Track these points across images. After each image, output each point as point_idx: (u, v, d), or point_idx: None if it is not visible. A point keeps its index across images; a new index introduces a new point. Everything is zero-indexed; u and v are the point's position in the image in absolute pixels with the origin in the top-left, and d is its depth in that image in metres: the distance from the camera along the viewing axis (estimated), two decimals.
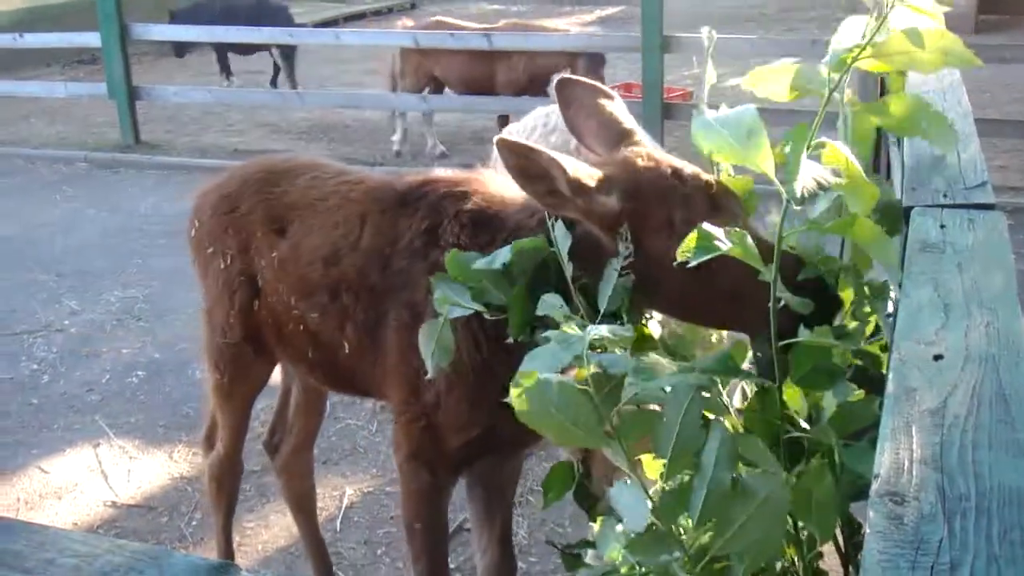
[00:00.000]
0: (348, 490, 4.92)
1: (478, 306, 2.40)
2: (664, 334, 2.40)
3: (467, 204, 2.76)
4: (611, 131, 2.55)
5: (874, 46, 1.95)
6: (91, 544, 1.27)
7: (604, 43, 9.91)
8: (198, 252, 3.42)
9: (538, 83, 9.72)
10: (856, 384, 2.02)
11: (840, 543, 2.08)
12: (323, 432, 4.82)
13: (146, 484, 5.04)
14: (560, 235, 2.38)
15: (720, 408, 1.99)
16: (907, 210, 2.16)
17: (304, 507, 4.09)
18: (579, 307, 2.33)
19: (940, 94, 3.01)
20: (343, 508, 4.78)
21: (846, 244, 2.25)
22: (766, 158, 1.93)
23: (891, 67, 2.03)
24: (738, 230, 1.94)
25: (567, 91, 2.67)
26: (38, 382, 6.12)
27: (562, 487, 2.49)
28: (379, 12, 22.09)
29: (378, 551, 4.47)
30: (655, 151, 2.45)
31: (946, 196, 2.20)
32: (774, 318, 1.97)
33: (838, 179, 1.92)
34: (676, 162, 2.40)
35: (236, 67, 14.72)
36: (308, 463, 4.07)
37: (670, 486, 1.78)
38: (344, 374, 3.19)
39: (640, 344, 2.19)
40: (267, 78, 14.43)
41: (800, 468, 1.96)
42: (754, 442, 1.87)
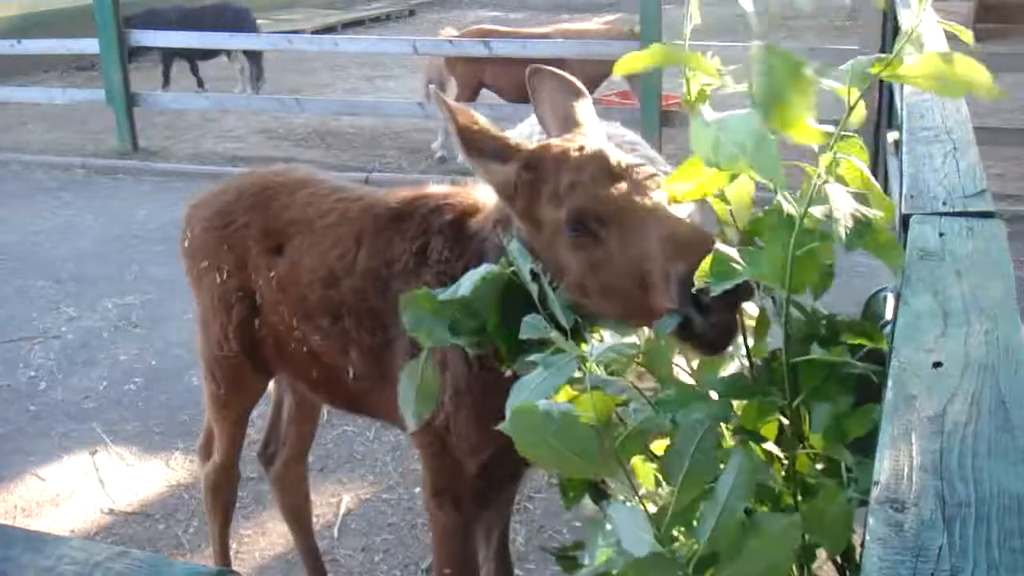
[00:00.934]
0: (345, 497, 4.91)
1: (459, 340, 2.30)
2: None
3: (449, 217, 2.77)
4: (568, 125, 2.56)
5: (900, 62, 1.87)
6: (90, 551, 1.26)
7: (603, 49, 9.88)
8: (191, 264, 3.39)
9: (590, 90, 9.61)
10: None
11: None
12: (320, 439, 4.82)
13: (143, 491, 5.03)
14: (516, 252, 2.35)
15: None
16: (906, 218, 2.16)
17: (299, 518, 4.09)
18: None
19: (939, 102, 3.01)
20: (340, 515, 4.77)
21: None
22: (775, 166, 1.81)
23: (915, 86, 1.96)
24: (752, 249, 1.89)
25: (538, 81, 2.71)
26: (35, 389, 6.11)
27: (581, 488, 2.46)
28: (378, 19, 22.11)
29: (375, 558, 4.47)
30: (589, 138, 2.44)
31: (945, 204, 2.20)
32: (786, 335, 1.94)
33: (871, 211, 1.87)
34: (596, 143, 2.38)
35: (217, 73, 14.67)
36: (302, 474, 4.06)
37: (674, 510, 1.75)
38: (350, 395, 3.16)
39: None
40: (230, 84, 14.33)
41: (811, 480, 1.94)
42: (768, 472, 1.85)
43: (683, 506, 1.73)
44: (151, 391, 6.03)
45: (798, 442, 1.98)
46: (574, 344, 2.10)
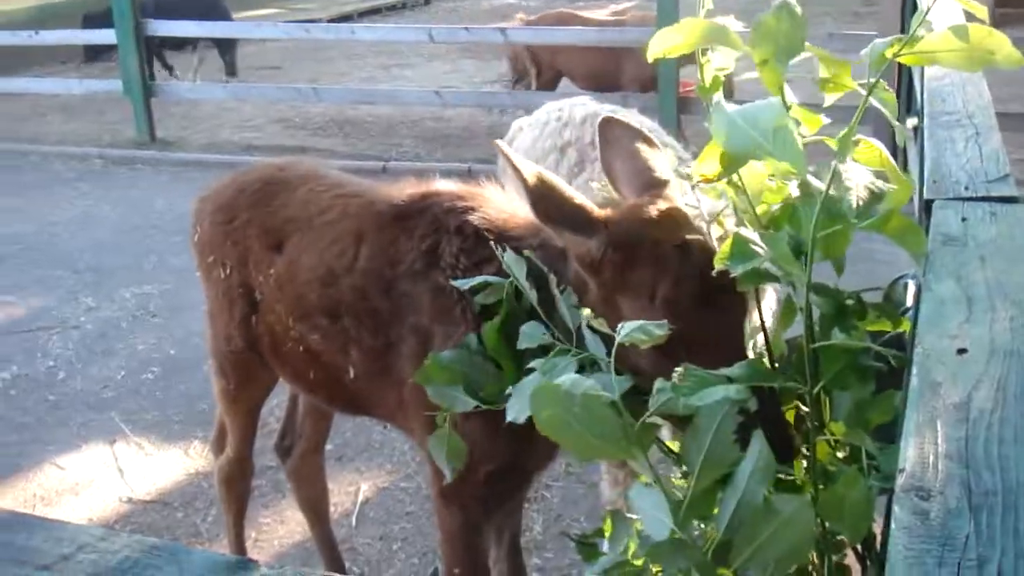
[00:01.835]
0: (363, 486, 4.92)
1: (476, 402, 2.30)
2: None
3: (470, 218, 2.65)
4: (643, 178, 2.33)
5: (917, 41, 1.83)
6: (109, 539, 1.26)
7: (619, 37, 9.84)
8: (200, 258, 3.38)
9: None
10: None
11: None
12: (338, 428, 4.82)
13: (162, 480, 5.05)
14: (512, 262, 2.31)
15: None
16: (928, 203, 2.14)
17: (316, 509, 4.09)
18: (555, 331, 2.24)
19: (960, 86, 2.99)
20: (358, 504, 4.77)
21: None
22: (797, 155, 1.80)
23: (935, 63, 1.92)
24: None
25: (608, 131, 2.48)
26: (54, 379, 6.14)
27: None
28: (394, 7, 22.10)
29: (394, 546, 4.47)
30: (679, 207, 2.22)
31: (968, 189, 2.18)
32: (807, 319, 1.91)
33: (887, 184, 1.85)
34: (692, 229, 2.16)
35: (216, 64, 14.67)
36: (319, 466, 4.06)
37: (692, 496, 1.74)
38: (349, 397, 3.09)
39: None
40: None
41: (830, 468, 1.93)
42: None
43: (702, 491, 1.72)
44: (169, 380, 6.05)
45: (818, 430, 1.97)
46: (566, 349, 2.11)
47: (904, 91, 7.77)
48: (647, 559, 1.89)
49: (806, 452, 1.96)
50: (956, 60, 1.83)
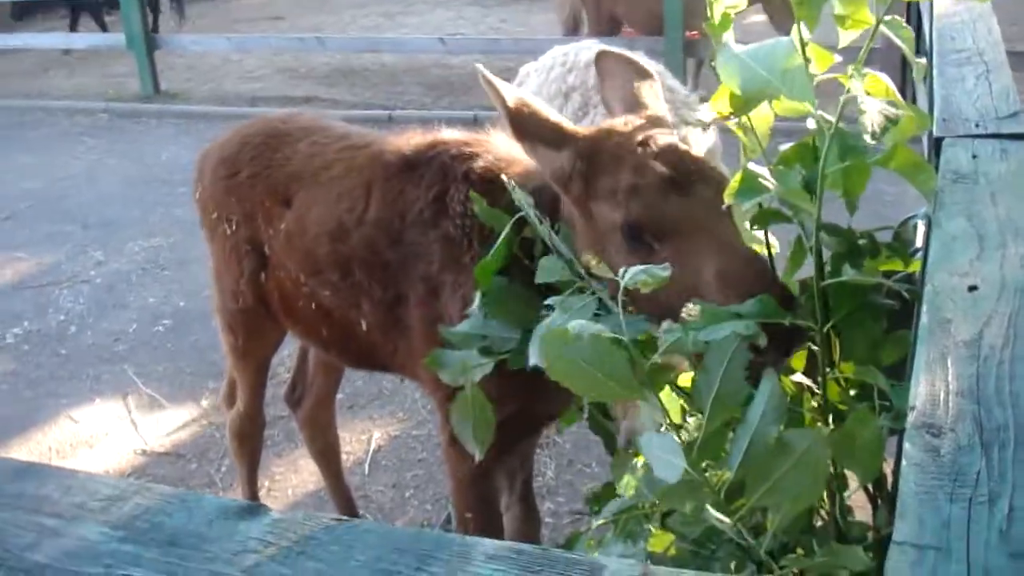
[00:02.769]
0: (376, 434, 4.94)
1: (495, 359, 2.30)
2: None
3: (476, 164, 2.66)
4: (632, 108, 2.40)
5: None
6: (120, 488, 1.26)
7: None
8: (203, 214, 3.36)
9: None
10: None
11: None
12: (349, 377, 4.83)
13: (175, 432, 5.08)
14: (521, 197, 2.31)
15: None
16: (938, 141, 2.12)
17: (328, 459, 4.11)
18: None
19: (970, 24, 2.95)
20: (371, 452, 4.80)
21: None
22: (808, 92, 1.79)
23: None
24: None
25: (604, 64, 2.57)
26: (66, 333, 6.16)
27: (573, 415, 2.43)
28: None
29: (406, 494, 4.50)
30: (656, 126, 2.28)
31: (978, 126, 2.15)
32: (818, 256, 1.89)
33: (897, 110, 1.82)
34: (662, 136, 2.21)
35: (229, 16, 14.58)
36: (330, 416, 4.07)
37: (704, 435, 1.73)
38: (363, 351, 3.09)
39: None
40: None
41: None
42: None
43: (713, 430, 1.71)
44: (180, 332, 6.07)
45: (829, 368, 1.96)
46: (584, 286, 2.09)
47: (913, 30, 7.65)
48: (652, 503, 1.89)
49: (817, 390, 1.96)
50: None
